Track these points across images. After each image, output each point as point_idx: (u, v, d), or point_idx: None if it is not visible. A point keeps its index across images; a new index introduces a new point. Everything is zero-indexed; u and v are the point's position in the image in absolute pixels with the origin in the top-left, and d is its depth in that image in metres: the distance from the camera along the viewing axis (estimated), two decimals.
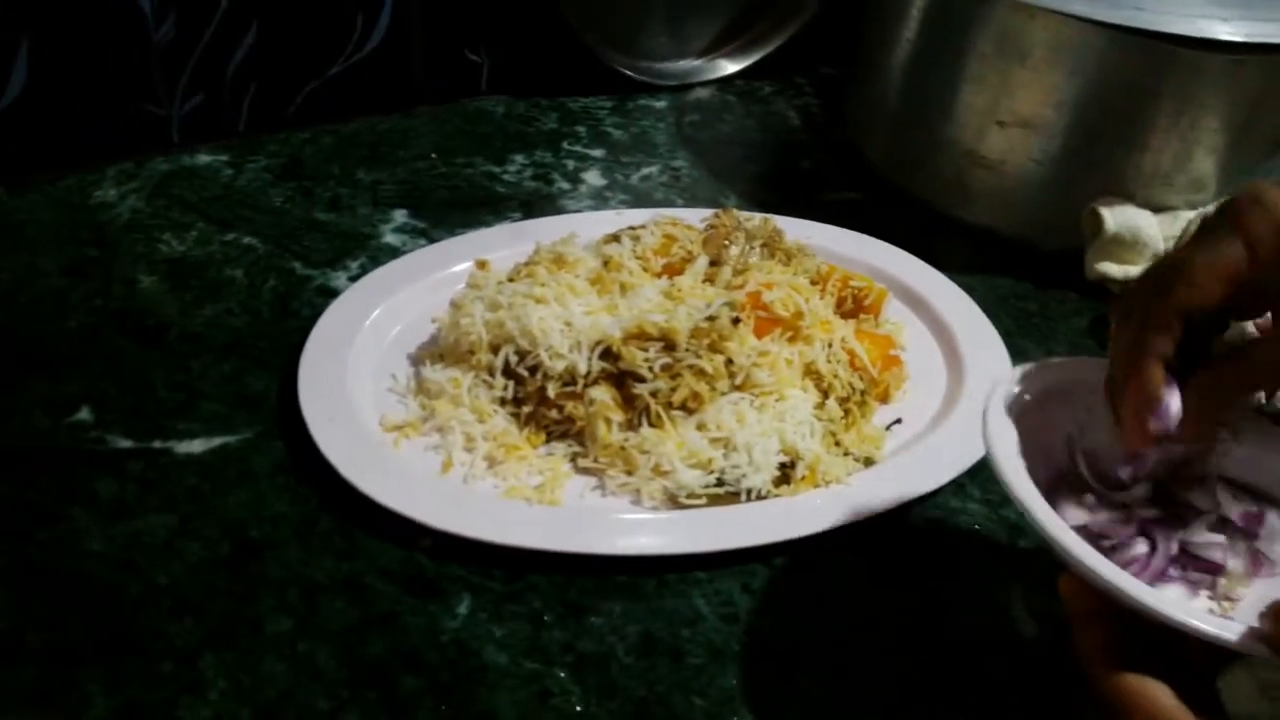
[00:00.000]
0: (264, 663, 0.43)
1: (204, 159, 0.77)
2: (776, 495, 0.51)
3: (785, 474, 0.52)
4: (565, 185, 0.78)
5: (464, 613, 0.46)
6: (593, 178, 0.79)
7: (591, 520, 0.50)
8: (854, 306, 0.61)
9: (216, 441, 0.53)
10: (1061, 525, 0.36)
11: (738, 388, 0.54)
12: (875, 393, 0.57)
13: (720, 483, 0.52)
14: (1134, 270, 0.68)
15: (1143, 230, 0.67)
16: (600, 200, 0.76)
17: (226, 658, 0.43)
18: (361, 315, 0.60)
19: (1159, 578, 0.40)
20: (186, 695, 0.42)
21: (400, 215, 0.73)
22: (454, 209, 0.74)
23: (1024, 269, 0.71)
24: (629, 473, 0.52)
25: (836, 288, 0.61)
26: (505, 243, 0.67)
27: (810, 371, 0.56)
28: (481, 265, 0.64)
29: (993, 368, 0.60)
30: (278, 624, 0.45)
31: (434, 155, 0.80)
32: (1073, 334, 0.67)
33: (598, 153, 0.82)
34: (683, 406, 0.53)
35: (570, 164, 0.80)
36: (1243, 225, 0.36)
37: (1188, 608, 0.35)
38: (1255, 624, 0.33)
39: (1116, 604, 0.35)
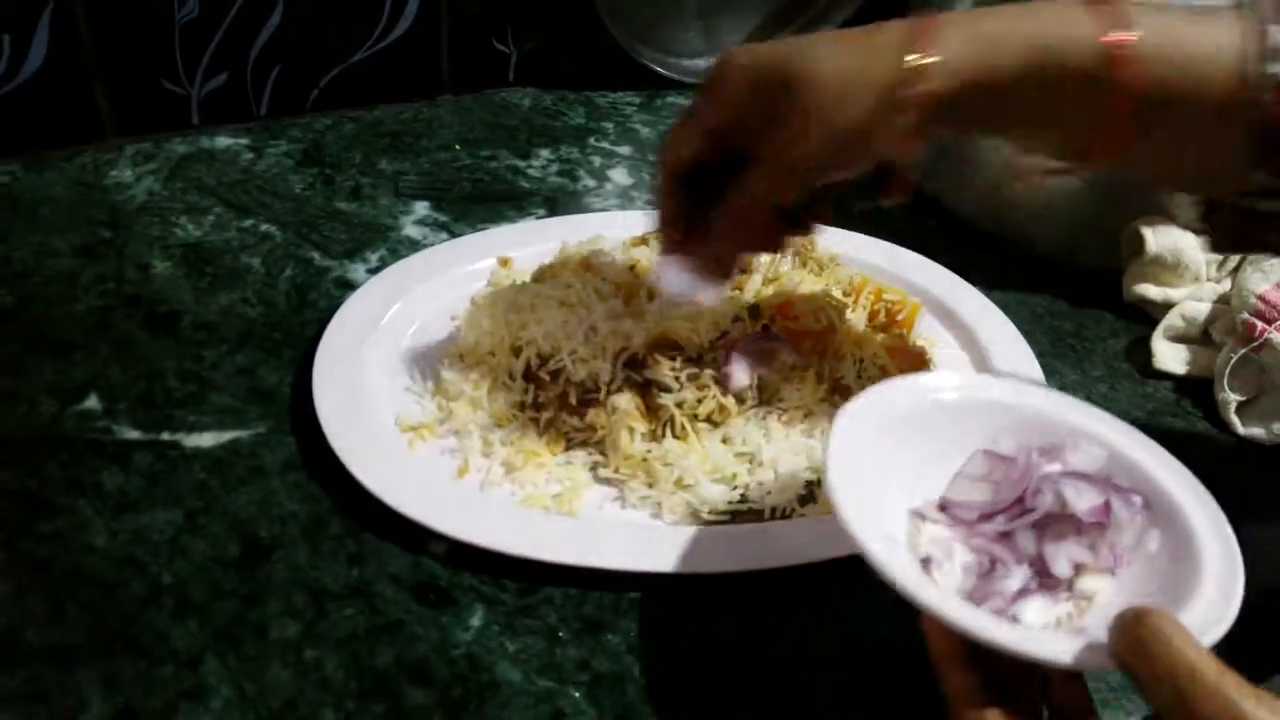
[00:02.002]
0: (269, 670, 0.42)
1: (223, 141, 0.75)
2: (802, 515, 0.50)
3: (812, 492, 0.51)
4: (591, 182, 0.76)
5: (477, 625, 0.44)
6: (619, 176, 0.77)
7: (610, 534, 0.48)
8: (886, 321, 0.59)
9: (227, 436, 0.52)
10: (903, 570, 0.36)
11: (765, 402, 0.53)
12: None
13: (744, 499, 0.50)
14: (1174, 293, 0.66)
15: (1185, 252, 0.65)
16: (626, 199, 0.75)
17: (230, 663, 0.42)
18: (380, 310, 0.58)
19: (1023, 596, 0.39)
20: (187, 701, 0.40)
21: (422, 207, 0.71)
22: (477, 203, 0.72)
23: (1060, 287, 0.69)
24: (650, 485, 0.50)
25: (869, 301, 0.59)
26: (529, 240, 0.65)
27: (840, 387, 0.54)
28: (504, 263, 0.62)
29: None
30: (284, 629, 0.43)
31: (458, 147, 0.78)
32: (1109, 356, 0.65)
33: (625, 150, 0.80)
34: (708, 419, 0.51)
35: (597, 160, 0.79)
36: (706, 90, 0.45)
37: (1024, 634, 0.36)
38: (1101, 638, 0.33)
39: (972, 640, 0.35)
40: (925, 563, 0.40)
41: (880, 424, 0.42)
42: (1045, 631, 0.38)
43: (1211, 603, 0.36)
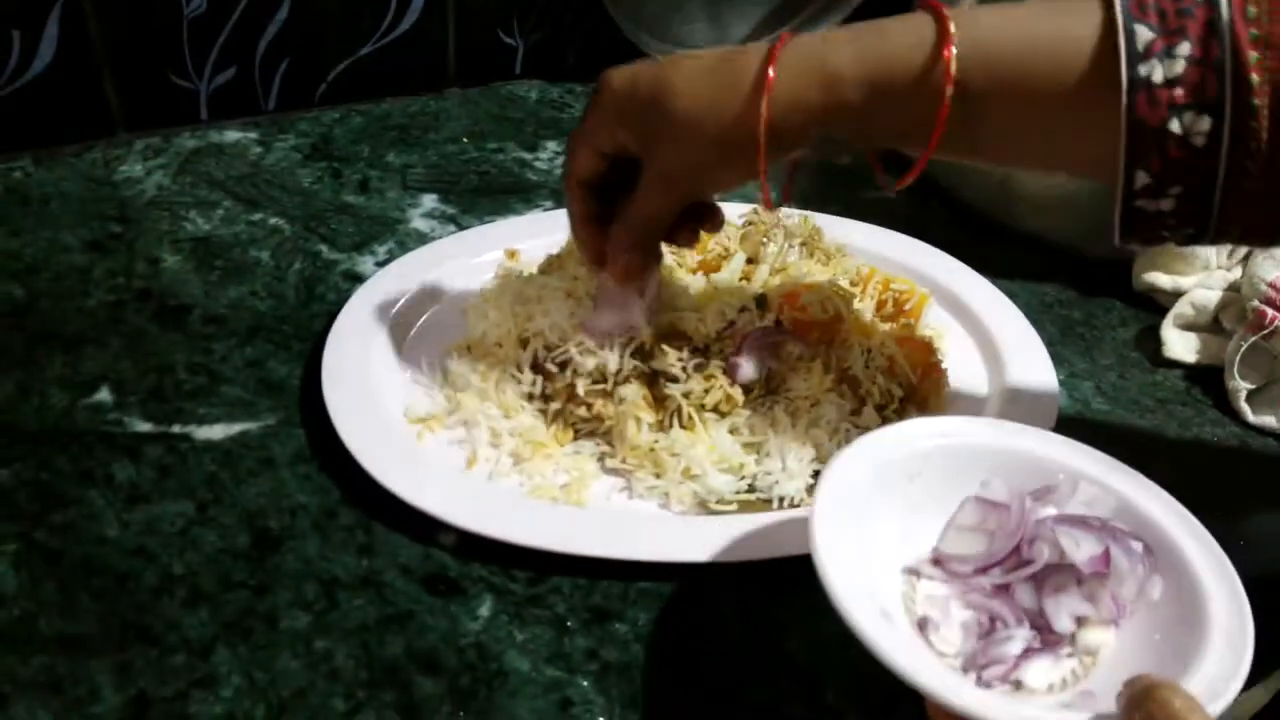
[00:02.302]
0: (279, 659, 0.42)
1: (232, 136, 0.76)
2: (810, 504, 0.50)
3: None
4: None
5: (485, 615, 0.45)
6: None
7: (618, 524, 0.48)
8: (894, 310, 0.59)
9: (237, 428, 0.52)
10: (897, 651, 0.34)
11: (772, 392, 0.53)
12: (914, 401, 0.55)
13: (752, 489, 0.50)
14: (1183, 281, 0.66)
15: None
16: None
17: (241, 653, 0.42)
18: (388, 303, 0.59)
19: (1026, 658, 0.38)
20: (199, 690, 0.41)
21: (429, 200, 0.71)
22: (484, 195, 0.72)
23: (1069, 276, 0.69)
24: (658, 475, 0.50)
25: (877, 290, 0.59)
26: (536, 232, 0.65)
27: (847, 377, 0.54)
28: (511, 255, 0.62)
29: (1035, 377, 0.58)
30: (294, 619, 0.44)
31: (465, 139, 0.78)
32: (1117, 345, 0.65)
33: None
34: (715, 409, 0.51)
35: None
36: (589, 112, 0.47)
37: (1029, 711, 0.35)
38: (1108, 702, 0.32)
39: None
40: (922, 624, 0.39)
41: (865, 479, 0.41)
42: (1050, 700, 0.37)
43: (1221, 657, 0.35)
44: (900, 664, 0.34)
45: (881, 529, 0.41)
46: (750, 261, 0.60)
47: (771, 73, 0.42)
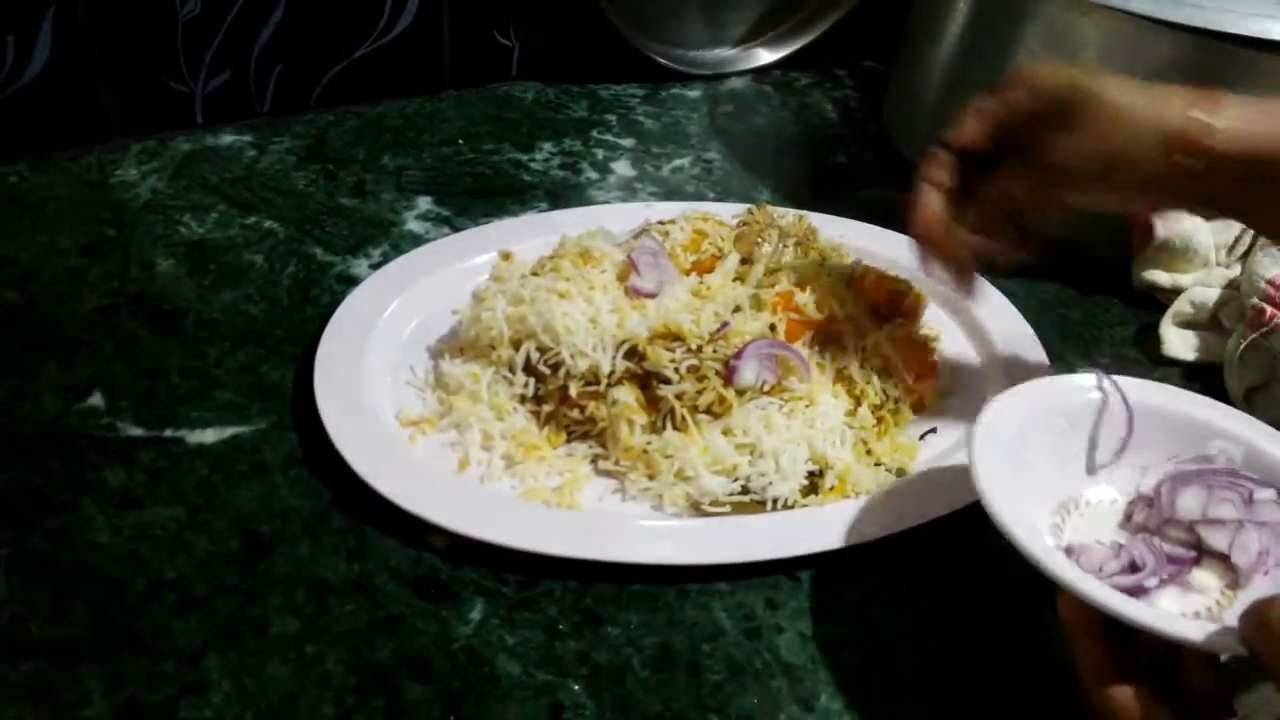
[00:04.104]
0: (269, 665, 0.42)
1: (227, 139, 0.76)
2: (804, 505, 0.50)
3: (814, 483, 0.50)
4: (594, 175, 0.76)
5: (476, 619, 0.45)
6: (622, 168, 0.77)
7: (611, 526, 0.48)
8: (890, 310, 0.59)
9: (229, 432, 0.52)
10: (1046, 547, 0.39)
11: (766, 392, 0.52)
12: (909, 401, 0.55)
13: (745, 490, 0.50)
14: (1182, 279, 0.66)
15: (1194, 238, 0.65)
16: (629, 192, 0.75)
17: (231, 658, 0.42)
18: (381, 305, 0.58)
19: (1161, 586, 0.41)
20: (189, 696, 0.41)
21: (424, 202, 0.71)
22: (479, 197, 0.72)
23: (1068, 275, 0.69)
24: (651, 477, 0.50)
25: (872, 289, 0.59)
26: (530, 234, 0.65)
27: (842, 377, 0.54)
28: (505, 257, 0.62)
29: (1034, 377, 0.57)
30: (285, 625, 0.44)
31: (461, 141, 0.78)
32: (1116, 343, 0.64)
33: (628, 142, 0.80)
34: (708, 410, 0.51)
35: (599, 153, 0.79)
36: (997, 92, 0.49)
37: (1159, 613, 0.38)
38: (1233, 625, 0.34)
39: (1107, 618, 0.36)
40: (1068, 551, 0.42)
41: (1028, 418, 0.45)
42: (1179, 616, 0.39)
43: None
44: (1041, 556, 0.37)
45: (1039, 466, 0.44)
46: (745, 261, 0.60)
47: (1211, 108, 0.44)
